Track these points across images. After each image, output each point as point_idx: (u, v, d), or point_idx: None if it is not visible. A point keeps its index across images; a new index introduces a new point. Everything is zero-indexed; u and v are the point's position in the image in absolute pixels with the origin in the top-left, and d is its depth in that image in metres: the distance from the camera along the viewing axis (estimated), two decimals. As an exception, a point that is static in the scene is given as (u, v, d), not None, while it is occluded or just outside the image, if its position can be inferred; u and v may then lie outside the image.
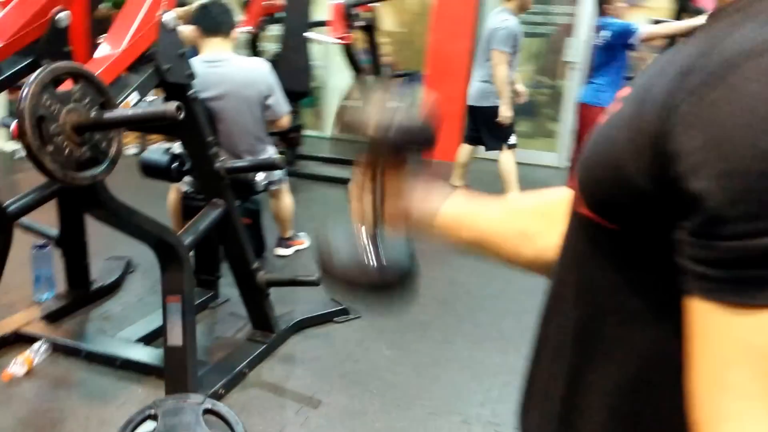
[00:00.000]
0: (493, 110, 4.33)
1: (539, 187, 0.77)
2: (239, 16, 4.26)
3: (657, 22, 4.99)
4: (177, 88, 2.19)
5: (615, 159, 0.47)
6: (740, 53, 0.40)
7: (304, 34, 4.82)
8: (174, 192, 3.30)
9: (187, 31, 2.80)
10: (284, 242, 3.58)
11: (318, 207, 4.46)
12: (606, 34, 4.22)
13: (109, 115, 1.53)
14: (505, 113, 4.28)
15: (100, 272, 3.11)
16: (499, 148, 4.49)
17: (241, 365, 2.42)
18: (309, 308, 2.89)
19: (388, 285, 0.74)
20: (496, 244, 0.76)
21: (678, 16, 4.99)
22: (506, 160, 4.50)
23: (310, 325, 2.82)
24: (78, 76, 1.54)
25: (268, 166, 2.32)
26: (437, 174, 0.81)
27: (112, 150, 1.62)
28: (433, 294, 3.18)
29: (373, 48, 5.43)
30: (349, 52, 5.04)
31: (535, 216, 0.76)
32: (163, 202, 3.28)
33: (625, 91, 0.54)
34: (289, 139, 5.11)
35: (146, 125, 2.14)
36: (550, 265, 0.69)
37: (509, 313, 3.01)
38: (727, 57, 0.40)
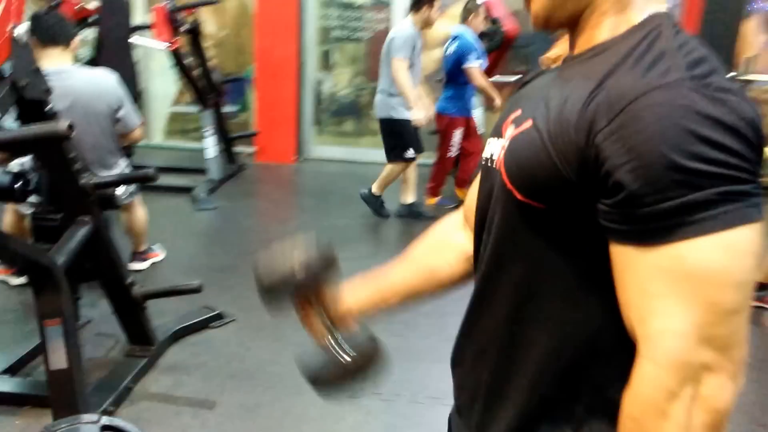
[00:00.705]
0: (389, 122, 4.36)
1: (373, 182, 0.96)
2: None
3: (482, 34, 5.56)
4: (34, 104, 2.12)
5: (544, 155, 0.69)
6: (632, 91, 0.63)
7: (127, 38, 4.65)
8: (11, 214, 3.09)
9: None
10: (139, 256, 3.50)
11: (162, 218, 4.37)
12: (453, 47, 4.48)
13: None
14: (416, 116, 4.24)
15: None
16: (395, 161, 4.48)
17: (126, 381, 2.40)
18: (182, 317, 2.90)
19: (366, 364, 0.93)
20: (418, 291, 1.00)
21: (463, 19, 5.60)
22: (393, 168, 4.52)
23: (186, 333, 2.85)
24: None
25: (141, 178, 2.31)
26: (275, 175, 1.06)
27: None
28: (301, 289, 3.35)
29: (199, 52, 5.39)
30: (176, 57, 4.96)
31: (432, 253, 1.02)
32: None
33: (517, 113, 0.79)
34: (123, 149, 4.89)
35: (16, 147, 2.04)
36: (467, 274, 0.98)
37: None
38: (624, 94, 0.64)
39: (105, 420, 1.92)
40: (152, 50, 6.24)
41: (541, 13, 0.76)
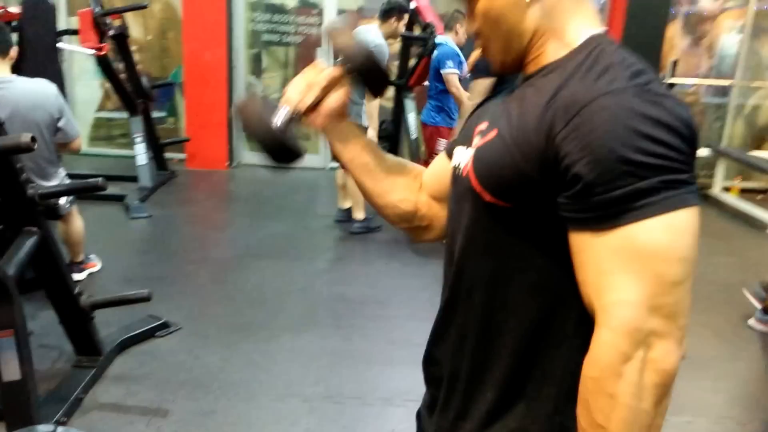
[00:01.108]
0: None
1: (312, 189, 1.02)
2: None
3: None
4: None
5: (510, 161, 0.79)
6: (585, 97, 0.72)
7: (53, 44, 4.52)
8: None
9: None
10: (77, 267, 3.43)
11: (96, 227, 4.26)
12: (434, 55, 4.66)
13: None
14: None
15: None
16: None
17: (76, 392, 2.39)
18: (127, 327, 2.89)
19: (277, 144, 0.95)
20: (374, 175, 1.04)
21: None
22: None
23: (133, 343, 2.84)
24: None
25: (91, 188, 2.30)
26: (208, 181, 1.11)
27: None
28: (245, 298, 3.41)
29: (127, 57, 5.29)
30: (104, 62, 4.86)
31: (413, 179, 1.08)
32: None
33: (482, 126, 0.91)
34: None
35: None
36: (399, 215, 1.07)
37: (318, 303, 3.38)
38: (578, 100, 0.73)
39: (61, 430, 1.95)
40: (73, 54, 6.06)
41: (498, 59, 0.89)
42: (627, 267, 0.71)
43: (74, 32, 5.19)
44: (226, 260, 3.97)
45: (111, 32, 4.92)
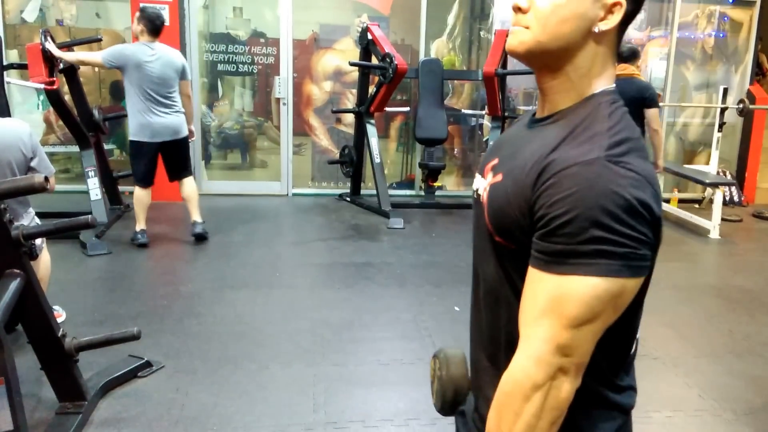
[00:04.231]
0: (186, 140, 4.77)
1: (276, 216, 1.02)
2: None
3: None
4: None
5: (508, 208, 0.90)
6: (563, 163, 0.84)
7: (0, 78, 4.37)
8: None
9: None
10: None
11: (53, 267, 4.09)
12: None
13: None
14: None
15: None
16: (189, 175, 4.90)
17: (66, 440, 2.28)
18: (109, 369, 2.79)
19: None
20: None
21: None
22: (193, 184, 4.93)
23: (116, 385, 2.74)
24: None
25: (81, 226, 2.22)
26: (167, 213, 1.14)
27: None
28: (227, 330, 3.34)
29: (77, 91, 5.15)
30: (54, 97, 4.70)
31: None
32: None
33: (495, 162, 1.01)
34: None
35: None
36: None
37: (302, 330, 3.35)
38: (557, 165, 0.84)
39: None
40: (11, 87, 5.84)
41: (528, 42, 0.93)
42: (549, 308, 0.84)
43: (20, 66, 5.03)
44: (199, 293, 3.88)
45: (61, 66, 4.79)
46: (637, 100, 4.66)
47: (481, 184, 1.01)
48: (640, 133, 0.91)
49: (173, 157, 4.77)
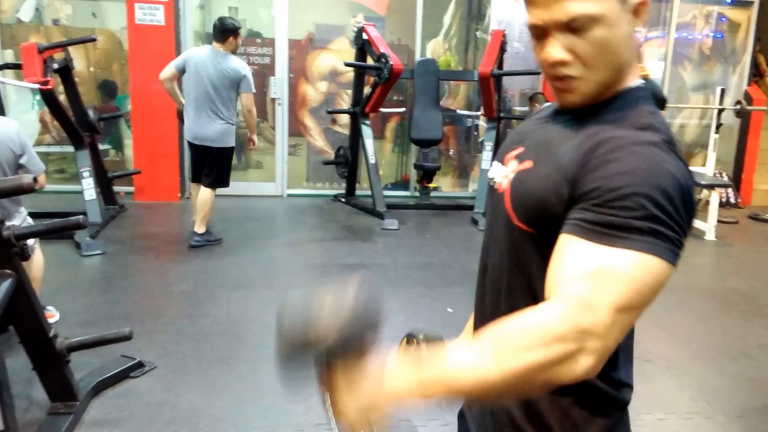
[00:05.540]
0: (232, 150, 4.66)
1: (269, 217, 0.90)
2: None
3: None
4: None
5: (540, 193, 0.90)
6: (622, 141, 0.84)
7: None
8: None
9: None
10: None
11: (48, 268, 4.07)
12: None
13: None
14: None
15: None
16: (219, 186, 4.77)
17: (57, 441, 2.27)
18: (101, 369, 2.78)
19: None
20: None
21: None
22: (210, 197, 4.75)
23: (108, 385, 2.73)
24: None
25: (72, 226, 2.21)
26: (161, 214, 1.08)
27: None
28: (221, 331, 3.33)
29: (72, 91, 5.14)
30: (49, 97, 4.69)
31: None
32: None
33: (519, 150, 1.00)
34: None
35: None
36: None
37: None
38: (614, 142, 0.84)
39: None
40: (6, 87, 5.83)
41: (587, 91, 0.90)
42: (593, 276, 0.79)
43: (15, 66, 5.02)
44: (193, 293, 3.88)
45: (55, 66, 4.78)
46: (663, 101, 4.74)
47: (502, 172, 1.00)
48: None
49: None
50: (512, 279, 0.96)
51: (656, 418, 2.68)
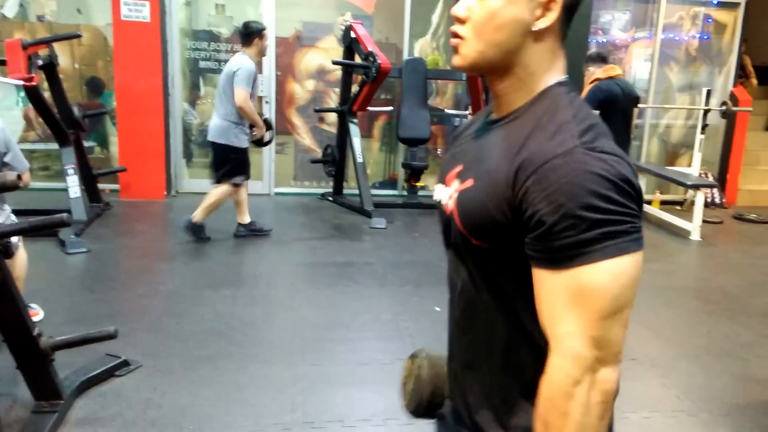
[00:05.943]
0: (225, 147, 4.61)
1: (257, 215, 0.94)
2: None
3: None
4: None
5: (485, 210, 0.90)
6: (541, 158, 0.83)
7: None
8: None
9: None
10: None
11: (32, 265, 4.02)
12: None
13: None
14: (261, 133, 4.85)
15: None
16: (224, 182, 4.71)
17: (40, 440, 2.25)
18: (85, 368, 2.75)
19: None
20: None
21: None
22: (221, 190, 4.73)
23: (93, 384, 2.70)
24: None
25: (56, 224, 2.18)
26: (146, 212, 1.13)
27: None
28: (207, 329, 3.31)
29: (56, 87, 5.09)
30: (33, 93, 4.64)
31: None
32: None
33: (459, 168, 1.00)
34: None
35: None
36: None
37: (282, 330, 3.33)
38: (535, 160, 0.84)
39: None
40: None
41: (469, 57, 0.93)
42: (572, 303, 0.82)
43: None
44: (179, 292, 3.85)
45: (40, 62, 4.73)
46: (636, 99, 4.77)
47: (446, 193, 1.01)
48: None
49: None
50: (482, 295, 0.97)
51: (641, 417, 2.70)
